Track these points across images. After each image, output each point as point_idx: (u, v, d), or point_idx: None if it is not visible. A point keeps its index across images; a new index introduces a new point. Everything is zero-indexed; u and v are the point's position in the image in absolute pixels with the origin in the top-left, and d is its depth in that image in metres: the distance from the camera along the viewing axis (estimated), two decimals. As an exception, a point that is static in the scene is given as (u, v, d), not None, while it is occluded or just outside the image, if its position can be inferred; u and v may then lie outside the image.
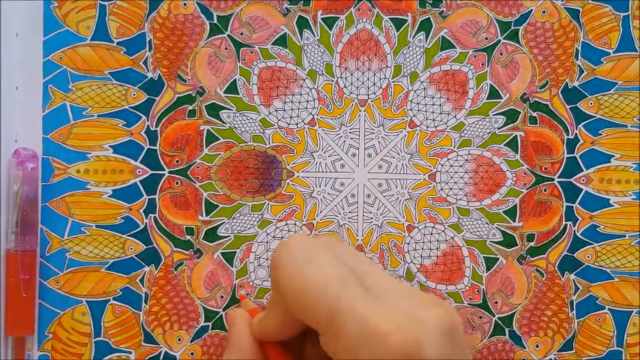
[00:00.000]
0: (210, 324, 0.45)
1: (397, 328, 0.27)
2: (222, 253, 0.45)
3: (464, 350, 0.29)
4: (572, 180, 0.46)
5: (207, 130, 0.45)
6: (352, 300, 0.29)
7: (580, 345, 0.46)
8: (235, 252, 0.45)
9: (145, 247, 0.44)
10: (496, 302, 0.45)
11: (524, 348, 0.45)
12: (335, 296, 0.29)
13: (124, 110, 0.44)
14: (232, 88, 0.45)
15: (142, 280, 0.44)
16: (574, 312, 0.46)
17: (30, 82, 0.44)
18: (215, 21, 0.45)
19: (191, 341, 0.44)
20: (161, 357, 0.44)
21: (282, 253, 0.32)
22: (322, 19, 0.45)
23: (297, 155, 0.45)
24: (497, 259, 0.46)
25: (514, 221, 0.46)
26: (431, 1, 0.45)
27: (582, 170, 0.46)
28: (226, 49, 0.45)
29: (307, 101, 0.45)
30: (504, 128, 0.46)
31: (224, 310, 0.45)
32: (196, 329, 0.45)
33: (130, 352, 0.44)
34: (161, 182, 0.45)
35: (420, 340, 0.27)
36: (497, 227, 0.46)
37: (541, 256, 0.46)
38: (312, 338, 0.35)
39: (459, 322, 0.29)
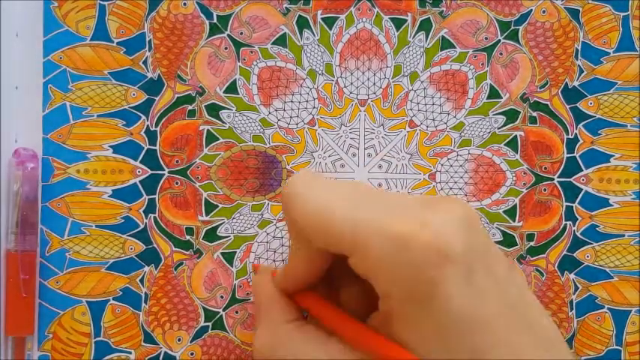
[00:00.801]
0: (210, 324, 0.45)
1: (423, 227, 0.26)
2: (222, 253, 0.45)
3: (486, 237, 0.29)
4: (571, 180, 0.46)
5: (207, 130, 0.45)
6: (368, 212, 0.28)
7: (579, 344, 0.46)
8: (235, 252, 0.45)
9: (144, 247, 0.44)
10: (496, 302, 0.45)
11: (524, 347, 0.45)
12: (349, 211, 0.28)
13: (124, 110, 0.44)
14: (232, 88, 0.45)
15: (141, 280, 0.44)
16: (574, 311, 0.46)
17: (30, 82, 0.44)
18: (215, 21, 0.45)
19: (191, 341, 0.44)
20: (161, 357, 0.44)
21: (288, 187, 0.32)
22: (322, 18, 0.45)
23: (297, 155, 0.45)
24: (497, 258, 0.46)
25: (514, 221, 0.46)
26: (431, 1, 0.45)
27: (582, 170, 0.46)
28: (226, 48, 0.45)
29: (307, 101, 0.45)
30: (504, 128, 0.46)
31: (224, 310, 0.45)
32: (196, 329, 0.45)
33: (130, 352, 0.44)
34: (161, 182, 0.45)
35: (447, 233, 0.26)
36: (497, 227, 0.46)
37: (541, 255, 0.46)
38: (342, 282, 0.34)
39: (475, 211, 0.29)
